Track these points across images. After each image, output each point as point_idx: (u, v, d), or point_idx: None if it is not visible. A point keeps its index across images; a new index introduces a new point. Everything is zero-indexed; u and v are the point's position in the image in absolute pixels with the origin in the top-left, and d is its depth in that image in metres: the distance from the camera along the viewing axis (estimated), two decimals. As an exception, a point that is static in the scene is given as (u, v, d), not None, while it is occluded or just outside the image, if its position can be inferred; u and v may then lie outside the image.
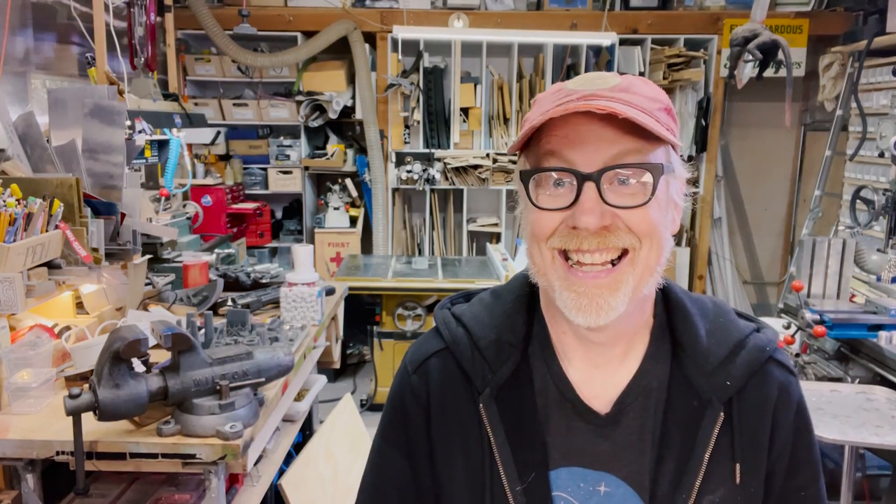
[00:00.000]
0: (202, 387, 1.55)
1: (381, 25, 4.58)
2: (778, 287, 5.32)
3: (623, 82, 0.76)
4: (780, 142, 5.15)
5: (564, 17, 4.64)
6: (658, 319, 0.84)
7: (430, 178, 4.59)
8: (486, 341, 0.84)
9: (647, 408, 0.81)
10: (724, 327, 0.84)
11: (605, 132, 0.73)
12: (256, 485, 1.94)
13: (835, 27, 4.55)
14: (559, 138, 0.74)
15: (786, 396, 0.83)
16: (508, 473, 0.80)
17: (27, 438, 1.54)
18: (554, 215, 0.75)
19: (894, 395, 2.28)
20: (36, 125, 2.16)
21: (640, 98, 0.75)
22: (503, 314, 0.86)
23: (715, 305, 0.87)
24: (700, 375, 0.81)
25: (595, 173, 0.72)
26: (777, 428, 0.82)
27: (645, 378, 0.82)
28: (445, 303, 0.93)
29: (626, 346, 0.82)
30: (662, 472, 0.79)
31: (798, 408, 0.84)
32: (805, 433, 0.85)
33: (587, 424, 0.81)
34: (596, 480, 0.81)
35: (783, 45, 2.81)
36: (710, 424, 0.79)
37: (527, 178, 0.77)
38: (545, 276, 0.78)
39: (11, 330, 1.79)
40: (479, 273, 3.93)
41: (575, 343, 0.83)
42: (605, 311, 0.74)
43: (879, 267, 2.97)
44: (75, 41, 3.28)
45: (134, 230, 2.21)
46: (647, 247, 0.75)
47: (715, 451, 0.79)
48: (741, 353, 0.82)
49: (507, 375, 0.83)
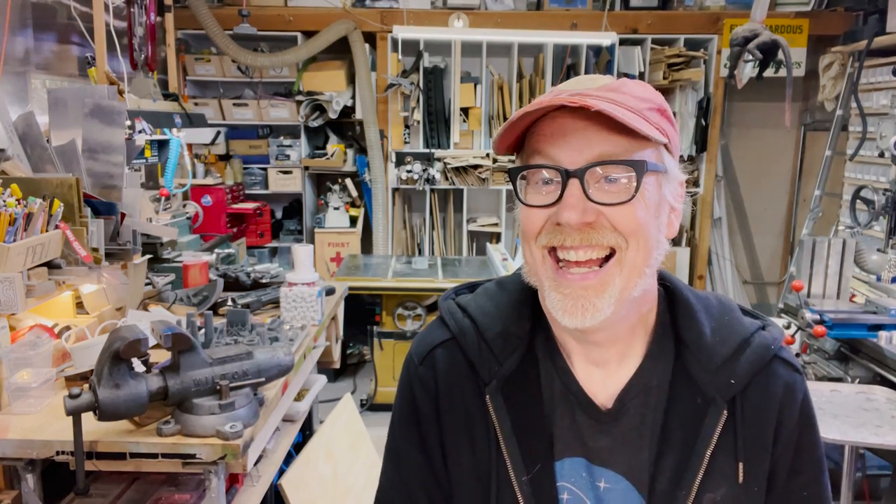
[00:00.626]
0: (202, 387, 1.55)
1: (381, 25, 4.58)
2: (778, 287, 5.32)
3: (614, 83, 0.77)
4: (780, 142, 5.16)
5: (564, 17, 4.64)
6: (661, 317, 0.84)
7: (430, 178, 4.59)
8: (492, 333, 0.85)
9: (647, 405, 0.81)
10: (729, 325, 0.84)
11: (590, 131, 0.73)
12: (256, 485, 1.94)
13: (835, 27, 4.55)
14: (546, 137, 0.75)
15: (791, 394, 0.83)
16: (514, 464, 0.81)
17: (27, 438, 1.54)
18: (541, 212, 0.76)
19: (894, 395, 2.28)
20: (36, 125, 2.16)
21: (628, 98, 0.75)
22: (509, 305, 0.87)
23: (720, 303, 0.87)
24: (704, 373, 0.81)
25: (579, 170, 0.73)
26: (781, 426, 0.82)
27: (645, 376, 0.82)
28: (450, 293, 0.94)
29: (624, 346, 0.83)
30: (662, 469, 0.79)
31: (803, 405, 0.84)
32: (809, 432, 0.84)
33: (590, 419, 0.82)
34: (596, 475, 0.82)
35: (783, 45, 2.81)
36: (713, 422, 0.79)
37: (514, 176, 0.78)
38: (536, 275, 0.79)
39: (11, 330, 1.79)
40: (479, 273, 3.93)
41: (573, 342, 0.83)
42: (591, 313, 0.75)
43: (879, 267, 2.97)
44: (75, 41, 3.28)
45: (134, 230, 2.21)
46: (633, 247, 0.75)
47: (717, 449, 0.79)
48: (746, 351, 0.81)
49: (514, 367, 0.83)
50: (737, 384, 0.80)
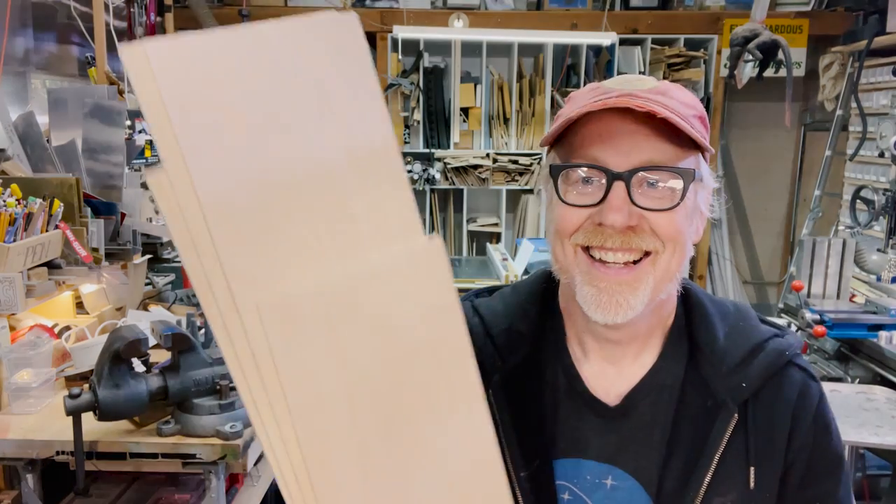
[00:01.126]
0: (202, 387, 1.55)
1: (381, 25, 4.58)
2: (778, 287, 5.32)
3: (660, 86, 0.76)
4: (780, 142, 5.15)
5: (564, 17, 4.64)
6: (678, 320, 0.85)
7: (430, 177, 4.59)
8: (497, 329, 0.86)
9: (659, 403, 0.81)
10: (744, 330, 0.84)
11: (638, 133, 0.73)
12: (256, 485, 1.94)
13: (835, 27, 4.55)
14: (593, 135, 0.75)
15: (805, 400, 0.82)
16: (514, 459, 0.81)
17: (27, 438, 1.54)
18: (580, 212, 0.76)
19: (894, 395, 2.28)
20: (36, 125, 2.16)
21: (676, 103, 0.74)
22: (517, 304, 0.88)
23: (737, 309, 0.87)
24: (715, 376, 0.80)
25: (626, 173, 0.73)
26: (795, 432, 0.81)
27: (658, 375, 0.82)
28: (469, 295, 0.95)
29: (641, 345, 0.83)
30: (671, 469, 0.79)
31: (818, 413, 0.83)
32: (824, 440, 0.83)
33: (597, 417, 0.82)
34: (603, 473, 0.81)
35: (783, 45, 2.81)
36: (723, 425, 0.79)
37: (556, 173, 0.77)
38: (567, 272, 0.79)
39: (11, 330, 1.79)
40: (479, 273, 3.93)
41: (591, 340, 0.84)
42: (624, 310, 0.75)
43: (879, 267, 2.97)
44: (75, 41, 3.28)
45: (134, 230, 2.21)
46: (669, 252, 0.75)
47: (727, 452, 0.78)
48: (759, 355, 0.81)
49: (517, 363, 0.84)
50: (748, 388, 0.80)
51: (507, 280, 3.46)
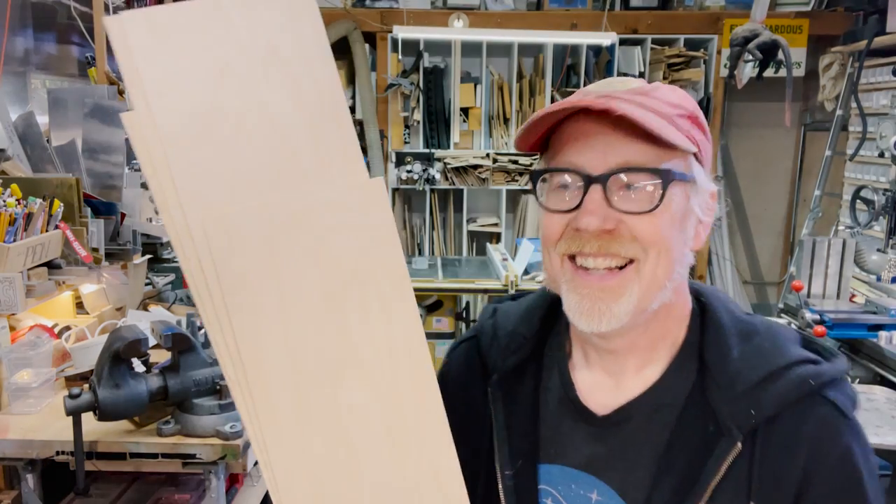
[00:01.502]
0: (202, 387, 1.55)
1: (381, 25, 4.58)
2: (778, 287, 5.32)
3: (645, 86, 0.74)
4: (780, 142, 5.15)
5: (564, 17, 4.64)
6: (691, 336, 0.80)
7: (430, 178, 4.59)
8: (503, 331, 0.88)
9: (654, 421, 0.77)
10: (766, 352, 0.75)
11: (615, 136, 0.71)
12: (256, 485, 1.94)
13: (835, 27, 4.55)
14: (568, 139, 0.73)
15: (827, 441, 0.71)
16: (501, 458, 0.82)
17: (27, 438, 1.54)
18: (561, 217, 0.74)
19: (894, 395, 2.28)
20: (36, 125, 2.16)
21: (658, 103, 0.72)
22: (527, 309, 0.90)
23: (767, 329, 0.78)
24: (721, 400, 0.74)
25: (602, 175, 0.71)
26: (812, 476, 0.71)
27: (659, 392, 0.78)
28: (497, 299, 0.98)
29: (643, 359, 0.79)
30: (660, 491, 0.75)
31: (844, 458, 0.71)
32: (850, 494, 0.72)
33: (587, 426, 0.80)
34: (588, 486, 0.79)
35: (783, 45, 2.81)
36: (723, 454, 0.72)
37: (535, 178, 0.77)
38: (555, 281, 0.78)
39: (11, 330, 1.79)
40: (479, 273, 3.93)
41: (591, 349, 0.82)
42: (607, 317, 0.73)
43: (879, 267, 2.97)
44: (75, 41, 3.28)
45: (134, 230, 2.21)
46: (653, 258, 0.72)
47: (725, 483, 0.72)
48: (778, 381, 0.72)
49: (516, 364, 0.85)
50: (757, 416, 0.72)
51: (506, 280, 3.47)
